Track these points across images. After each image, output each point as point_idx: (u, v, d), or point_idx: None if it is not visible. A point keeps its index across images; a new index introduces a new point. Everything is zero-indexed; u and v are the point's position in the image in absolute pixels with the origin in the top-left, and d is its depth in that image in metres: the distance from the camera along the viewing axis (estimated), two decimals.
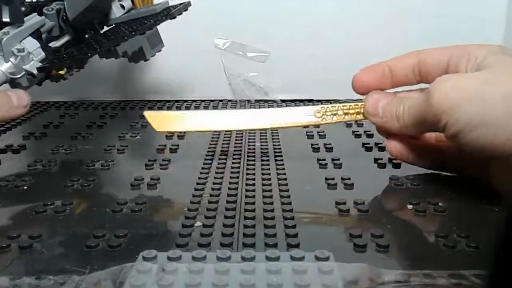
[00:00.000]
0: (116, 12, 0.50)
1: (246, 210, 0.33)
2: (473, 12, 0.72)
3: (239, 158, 0.44)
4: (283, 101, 0.71)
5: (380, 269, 0.25)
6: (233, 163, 0.43)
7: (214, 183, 0.38)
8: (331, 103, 0.67)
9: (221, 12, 0.69)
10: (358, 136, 0.52)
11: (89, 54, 0.46)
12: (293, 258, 0.26)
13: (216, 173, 0.40)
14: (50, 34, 0.47)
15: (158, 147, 0.47)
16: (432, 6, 0.72)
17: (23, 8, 0.45)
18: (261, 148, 0.47)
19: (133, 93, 0.71)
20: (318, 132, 0.53)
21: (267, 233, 0.29)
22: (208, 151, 0.46)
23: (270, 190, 0.36)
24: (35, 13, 0.45)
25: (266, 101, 0.70)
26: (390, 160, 0.43)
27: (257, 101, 0.68)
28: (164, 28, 0.66)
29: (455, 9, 0.72)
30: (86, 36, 0.50)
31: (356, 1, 0.72)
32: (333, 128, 0.55)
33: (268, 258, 0.26)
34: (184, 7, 0.50)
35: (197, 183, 0.38)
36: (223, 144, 0.48)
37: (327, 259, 0.26)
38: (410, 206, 0.34)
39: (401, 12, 0.72)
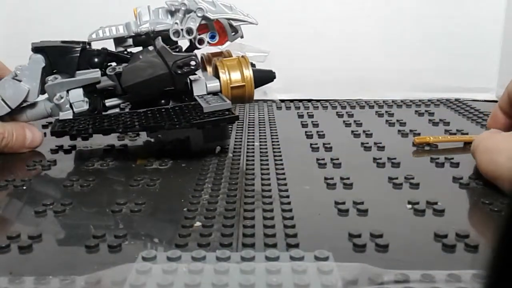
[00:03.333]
0: (196, 89, 0.46)
1: (245, 210, 0.33)
2: (472, 12, 0.72)
3: (239, 158, 0.44)
4: (282, 101, 0.71)
5: (380, 269, 0.25)
6: (232, 163, 0.43)
7: (213, 184, 0.38)
8: (330, 102, 0.67)
9: None
10: (357, 135, 0.52)
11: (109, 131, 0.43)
12: (292, 258, 0.26)
13: (216, 173, 0.40)
14: (111, 90, 0.46)
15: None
16: (431, 6, 0.72)
17: (95, 59, 0.45)
18: (260, 148, 0.47)
19: None
20: (317, 131, 0.53)
21: (266, 233, 0.29)
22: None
23: (270, 190, 0.36)
24: (98, 70, 0.45)
25: (265, 101, 0.70)
26: (389, 159, 0.43)
27: (256, 100, 0.68)
28: None
29: (454, 9, 0.72)
30: (141, 110, 0.45)
31: (356, 2, 0.72)
32: (332, 128, 0.55)
33: (268, 258, 0.26)
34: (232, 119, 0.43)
35: (197, 184, 0.38)
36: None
37: (326, 259, 0.26)
38: (409, 206, 0.34)
39: (400, 12, 0.73)
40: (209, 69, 0.50)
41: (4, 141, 0.43)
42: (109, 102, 0.46)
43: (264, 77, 0.49)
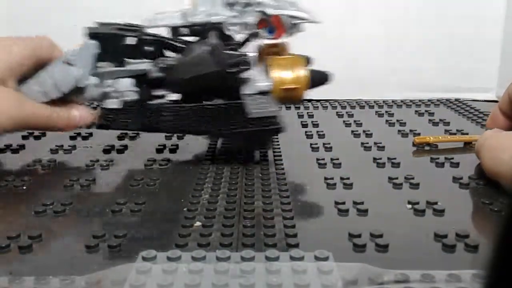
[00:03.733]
0: (245, 88, 0.44)
1: (245, 210, 0.33)
2: (472, 12, 0.72)
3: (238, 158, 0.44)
4: None
5: (380, 269, 0.25)
6: (232, 162, 0.43)
7: (213, 183, 0.38)
8: (330, 102, 0.67)
9: None
10: (357, 135, 0.52)
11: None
12: (292, 258, 0.26)
13: (216, 173, 0.40)
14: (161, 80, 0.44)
15: (157, 147, 0.47)
16: (432, 6, 0.72)
17: (149, 49, 0.45)
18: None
19: None
20: (317, 131, 0.53)
21: (266, 233, 0.29)
22: (207, 151, 0.46)
23: (269, 190, 0.36)
24: (149, 61, 0.44)
25: None
26: (389, 159, 0.43)
27: None
28: None
29: (454, 10, 0.72)
30: (185, 105, 0.44)
31: (357, 3, 0.72)
32: (332, 127, 0.55)
33: (268, 258, 0.26)
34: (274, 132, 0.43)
35: (197, 183, 0.38)
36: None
37: (326, 259, 0.26)
38: (409, 206, 0.34)
39: (401, 12, 0.72)
40: (263, 63, 0.47)
41: (51, 123, 0.44)
42: (157, 91, 0.45)
43: (318, 79, 0.47)
